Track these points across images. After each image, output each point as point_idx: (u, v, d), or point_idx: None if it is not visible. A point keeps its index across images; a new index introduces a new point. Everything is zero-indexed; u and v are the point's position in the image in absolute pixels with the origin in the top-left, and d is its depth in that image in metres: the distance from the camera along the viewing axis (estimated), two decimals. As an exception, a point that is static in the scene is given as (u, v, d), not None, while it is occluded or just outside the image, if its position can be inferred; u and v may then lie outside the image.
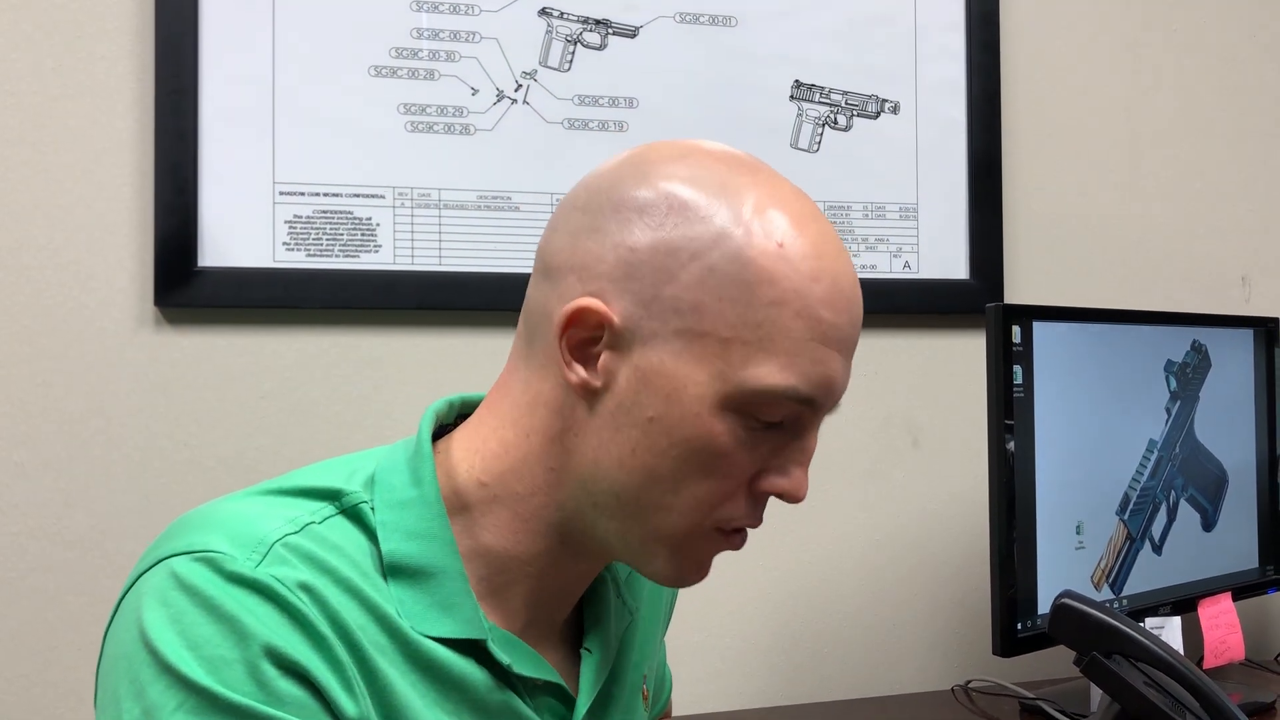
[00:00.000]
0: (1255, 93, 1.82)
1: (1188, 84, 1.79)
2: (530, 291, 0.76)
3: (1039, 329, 1.38)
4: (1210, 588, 1.58)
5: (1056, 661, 1.58)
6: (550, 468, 0.73)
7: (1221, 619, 1.54)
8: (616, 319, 0.70)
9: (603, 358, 0.71)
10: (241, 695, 0.63)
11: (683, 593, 0.97)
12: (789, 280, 0.69)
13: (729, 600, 1.55)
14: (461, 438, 0.77)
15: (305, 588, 0.67)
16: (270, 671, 0.64)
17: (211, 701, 0.63)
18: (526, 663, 0.75)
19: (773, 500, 0.74)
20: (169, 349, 1.37)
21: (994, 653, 1.35)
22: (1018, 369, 1.35)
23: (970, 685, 1.56)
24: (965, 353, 1.64)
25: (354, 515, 0.72)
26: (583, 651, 0.80)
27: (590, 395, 0.71)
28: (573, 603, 0.80)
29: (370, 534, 0.72)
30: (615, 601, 0.84)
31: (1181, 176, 1.78)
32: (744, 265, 0.69)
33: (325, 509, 0.72)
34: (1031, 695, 1.47)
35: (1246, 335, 1.66)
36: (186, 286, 1.35)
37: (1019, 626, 1.35)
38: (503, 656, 0.73)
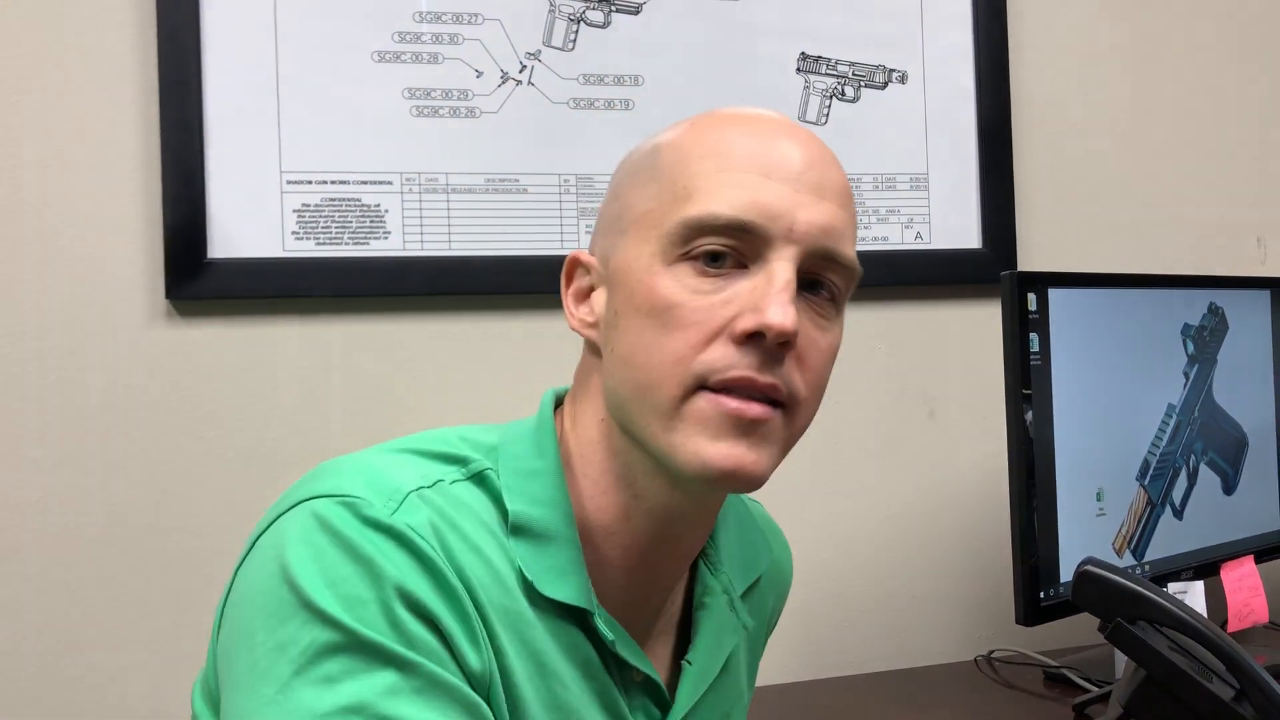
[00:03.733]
0: (1267, 52, 1.80)
1: (1198, 45, 1.76)
2: None
3: (1055, 296, 1.37)
4: (1233, 551, 1.57)
5: (1079, 629, 1.58)
6: (600, 419, 0.76)
7: (1245, 582, 1.54)
8: (594, 258, 0.78)
9: (594, 296, 0.77)
10: (376, 633, 0.64)
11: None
12: (692, 137, 0.74)
13: (749, 577, 1.55)
14: (558, 419, 0.80)
15: (438, 537, 0.68)
16: (403, 613, 0.65)
17: (347, 636, 0.64)
18: (627, 647, 0.76)
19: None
20: (181, 341, 1.37)
21: (1017, 622, 1.34)
22: (1034, 337, 1.34)
23: (993, 655, 1.55)
24: (980, 322, 1.62)
25: (480, 480, 0.74)
26: (684, 663, 0.80)
27: (595, 332, 0.76)
28: (668, 587, 0.80)
29: (496, 498, 0.74)
30: (728, 615, 0.84)
31: (1194, 138, 1.76)
32: (655, 152, 0.76)
33: (454, 471, 0.74)
34: (1055, 664, 1.47)
35: (1263, 296, 1.65)
36: (197, 278, 1.35)
37: (1041, 595, 1.35)
38: (606, 632, 0.74)
